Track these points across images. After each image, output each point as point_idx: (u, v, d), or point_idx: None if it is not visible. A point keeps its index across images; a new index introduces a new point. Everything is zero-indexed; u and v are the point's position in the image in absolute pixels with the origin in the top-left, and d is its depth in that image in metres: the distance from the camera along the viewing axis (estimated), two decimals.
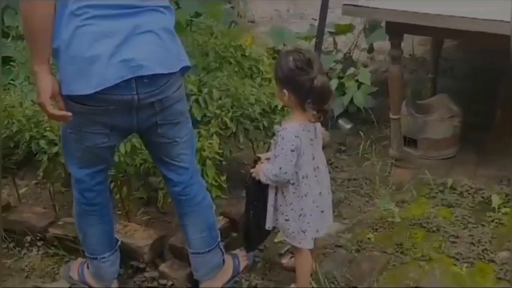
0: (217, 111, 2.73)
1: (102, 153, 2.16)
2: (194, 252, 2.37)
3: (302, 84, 2.10)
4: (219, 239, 2.41)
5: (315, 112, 2.13)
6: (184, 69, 2.15)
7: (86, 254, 2.39)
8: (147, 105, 2.05)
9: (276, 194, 2.27)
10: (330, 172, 2.40)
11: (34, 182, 3.11)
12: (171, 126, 2.15)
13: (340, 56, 3.96)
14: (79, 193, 2.25)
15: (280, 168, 2.16)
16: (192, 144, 2.30)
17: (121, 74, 1.95)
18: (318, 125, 2.25)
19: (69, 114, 2.00)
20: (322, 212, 2.29)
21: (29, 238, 2.69)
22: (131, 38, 1.96)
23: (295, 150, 2.15)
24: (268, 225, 2.31)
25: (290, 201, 2.24)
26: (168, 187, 2.35)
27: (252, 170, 2.31)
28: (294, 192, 2.23)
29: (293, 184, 2.21)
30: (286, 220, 2.26)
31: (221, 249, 2.42)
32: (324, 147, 2.38)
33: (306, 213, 2.24)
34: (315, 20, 3.69)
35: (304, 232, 2.26)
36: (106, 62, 1.93)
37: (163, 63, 2.02)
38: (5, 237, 2.73)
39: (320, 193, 2.27)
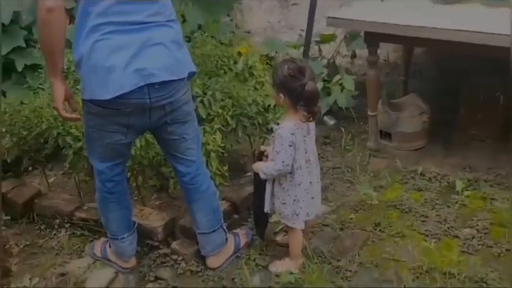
0: (220, 111, 2.72)
1: (120, 149, 2.15)
2: (201, 232, 2.36)
3: (295, 89, 2.10)
4: (222, 221, 2.40)
5: (305, 113, 2.13)
6: (191, 75, 2.14)
7: (107, 234, 2.39)
8: (159, 107, 2.04)
9: (273, 183, 2.27)
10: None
11: (61, 172, 3.08)
12: (180, 125, 2.14)
13: (324, 62, 3.93)
14: (100, 183, 2.24)
15: (282, 162, 2.17)
16: (198, 140, 2.29)
17: (135, 81, 1.94)
18: (312, 124, 2.23)
19: (79, 116, 2.09)
20: (312, 198, 2.29)
21: (58, 221, 2.68)
22: (143, 49, 1.95)
23: (292, 145, 2.15)
24: (266, 209, 2.32)
25: (287, 189, 2.24)
26: (177, 177, 2.33)
27: (252, 166, 2.32)
28: (290, 181, 2.23)
29: (290, 173, 2.21)
30: (283, 204, 2.26)
31: (224, 229, 2.41)
32: None
33: (299, 199, 2.24)
34: (303, 30, 3.67)
35: (297, 215, 2.26)
36: (122, 71, 1.92)
37: (172, 71, 2.01)
38: (37, 220, 2.73)
39: (311, 182, 2.26)
